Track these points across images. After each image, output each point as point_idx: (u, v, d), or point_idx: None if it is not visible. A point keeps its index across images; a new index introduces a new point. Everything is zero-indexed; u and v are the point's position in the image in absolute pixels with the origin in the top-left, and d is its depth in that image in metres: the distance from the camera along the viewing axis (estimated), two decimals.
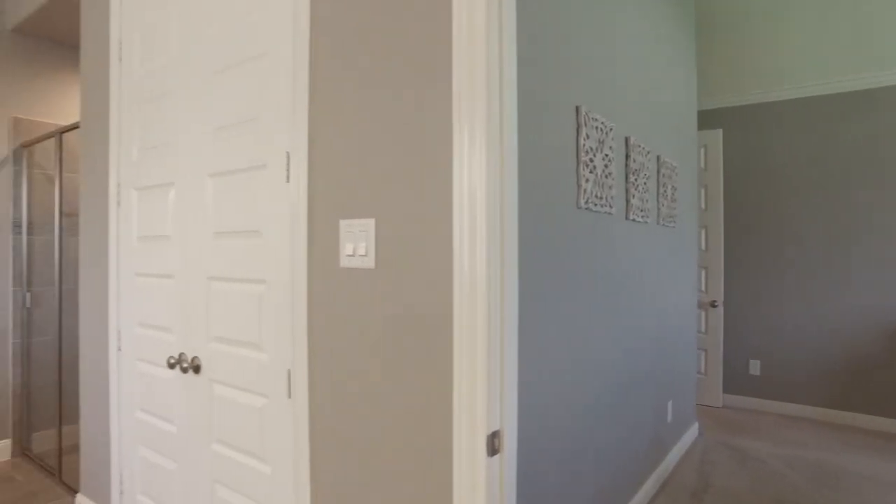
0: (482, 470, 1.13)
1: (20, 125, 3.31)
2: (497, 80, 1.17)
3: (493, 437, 1.14)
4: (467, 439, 1.15)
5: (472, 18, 1.17)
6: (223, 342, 1.77)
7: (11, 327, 3.29)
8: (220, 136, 1.78)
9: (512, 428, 1.20)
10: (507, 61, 1.20)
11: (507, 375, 1.19)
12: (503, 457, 1.17)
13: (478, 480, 1.13)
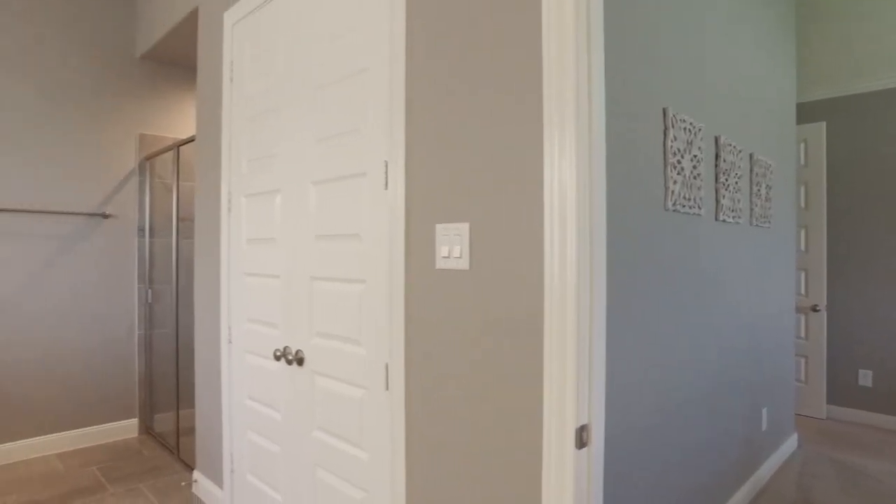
0: (570, 461, 1.18)
1: (145, 140, 3.69)
2: (585, 85, 1.22)
3: (581, 430, 1.20)
4: (557, 432, 1.21)
5: (560, 29, 1.22)
6: (325, 337, 1.92)
7: (137, 320, 3.68)
8: (322, 147, 1.93)
9: (599, 422, 1.25)
10: (595, 67, 1.24)
11: (595, 372, 1.24)
12: (591, 450, 1.22)
13: (566, 471, 1.19)
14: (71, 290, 3.45)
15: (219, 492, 2.61)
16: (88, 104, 3.50)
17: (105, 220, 3.55)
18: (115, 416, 3.62)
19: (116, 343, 3.61)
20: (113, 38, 3.59)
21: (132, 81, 3.66)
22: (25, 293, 3.31)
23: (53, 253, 3.39)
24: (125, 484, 2.96)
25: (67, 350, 3.45)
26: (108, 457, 3.34)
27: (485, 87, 1.41)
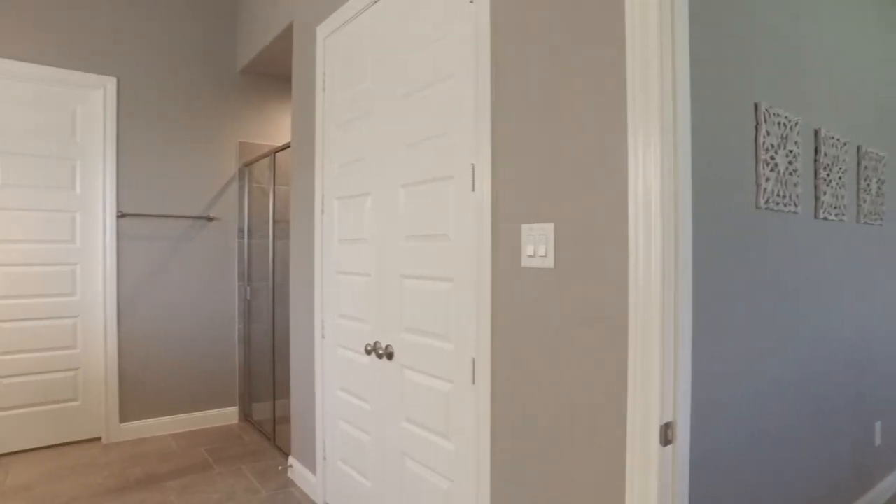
0: (655, 457, 1.20)
1: (244, 148, 3.97)
2: (670, 83, 1.22)
3: (666, 427, 1.20)
4: (641, 427, 1.22)
5: (644, 25, 1.23)
6: (413, 332, 2.02)
7: (237, 315, 3.96)
8: (410, 151, 2.02)
9: (685, 421, 1.25)
10: (680, 62, 1.24)
11: (681, 371, 1.24)
12: (676, 447, 1.23)
13: (650, 467, 1.20)
14: (180, 286, 3.78)
15: (312, 477, 2.78)
16: (196, 117, 3.81)
17: (209, 223, 3.86)
18: (218, 403, 3.92)
19: (219, 336, 3.91)
20: (217, 55, 3.89)
21: (233, 94, 3.95)
22: (145, 288, 3.66)
23: (167, 252, 3.73)
24: (229, 465, 3.20)
25: (178, 341, 3.78)
26: (213, 440, 3.62)
27: (567, 89, 1.44)
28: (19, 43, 3.31)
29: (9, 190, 3.34)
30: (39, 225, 3.42)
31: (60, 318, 3.50)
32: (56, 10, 3.40)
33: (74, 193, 3.52)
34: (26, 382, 3.41)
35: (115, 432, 3.58)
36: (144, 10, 3.66)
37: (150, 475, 3.06)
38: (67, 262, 3.51)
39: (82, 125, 3.54)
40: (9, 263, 3.35)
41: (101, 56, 3.53)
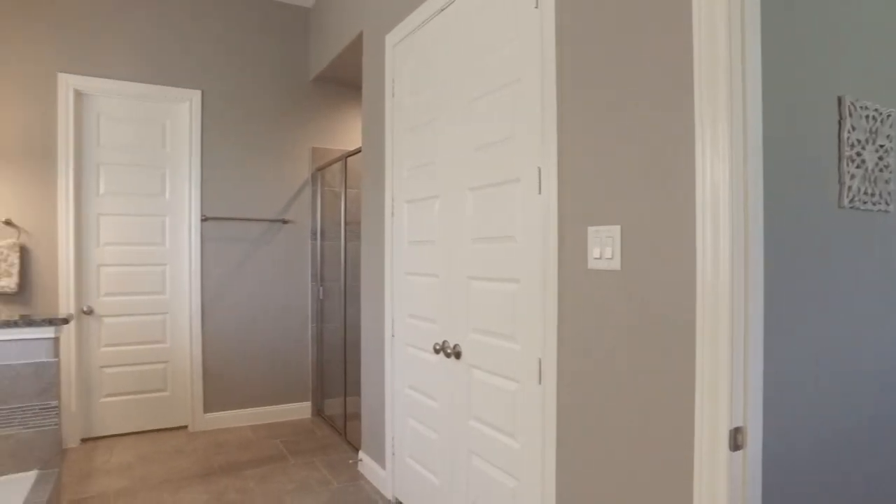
0: (724, 463, 1.18)
1: (316, 153, 4.14)
2: (739, 77, 1.19)
3: (735, 432, 1.18)
4: (709, 432, 1.21)
5: (711, 21, 1.21)
6: (480, 332, 2.05)
7: (310, 314, 4.14)
8: (478, 155, 2.07)
9: (756, 427, 1.22)
10: (751, 56, 1.21)
11: (752, 376, 1.21)
12: (746, 453, 1.20)
13: (719, 472, 1.19)
14: (258, 286, 3.98)
15: (381, 471, 2.87)
16: (271, 124, 4.01)
17: (284, 226, 4.05)
18: (292, 398, 4.10)
19: (294, 334, 4.10)
20: (290, 65, 4.08)
21: (306, 102, 4.13)
22: (226, 287, 3.89)
23: (245, 254, 3.94)
24: (303, 457, 3.35)
25: (255, 338, 3.99)
26: (287, 432, 3.80)
27: (632, 88, 1.43)
28: (119, 64, 3.61)
29: (110, 197, 3.64)
30: (135, 228, 3.71)
31: (152, 314, 3.77)
32: (148, 32, 3.68)
33: (164, 199, 3.78)
34: (125, 373, 3.70)
35: (199, 421, 3.82)
36: (225, 27, 3.89)
37: (231, 463, 3.25)
38: (158, 262, 3.78)
39: (171, 136, 3.80)
40: (110, 264, 3.65)
41: (187, 72, 3.78)
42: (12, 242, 3.30)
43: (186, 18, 3.78)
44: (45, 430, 2.12)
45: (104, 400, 3.65)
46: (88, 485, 2.95)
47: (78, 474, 3.08)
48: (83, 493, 2.84)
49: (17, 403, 2.07)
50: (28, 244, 3.40)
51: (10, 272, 3.28)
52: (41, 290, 3.43)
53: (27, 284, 3.40)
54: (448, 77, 2.27)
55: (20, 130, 3.39)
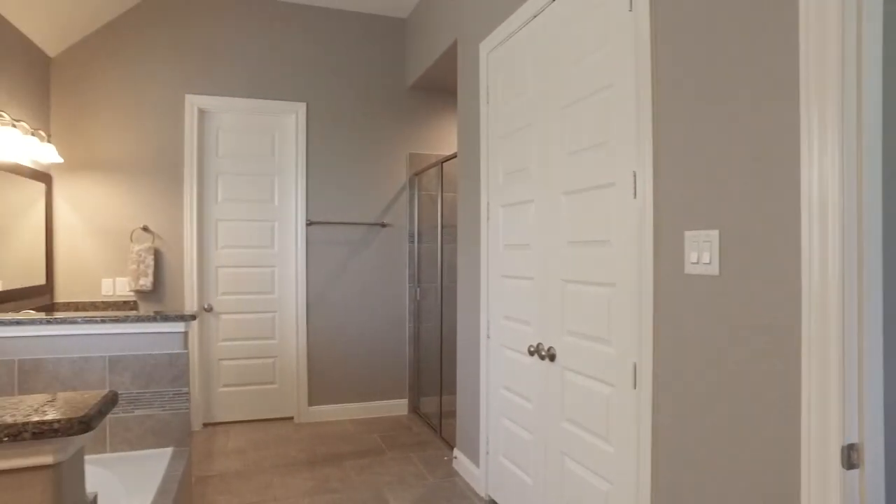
0: (836, 482, 1.13)
1: (413, 159, 4.29)
2: (853, 72, 1.14)
3: (849, 449, 1.13)
4: (817, 448, 1.16)
5: (822, 7, 1.17)
6: (575, 336, 2.07)
7: (408, 314, 4.29)
8: (572, 160, 2.09)
9: (877, 444, 1.16)
10: (869, 49, 1.15)
11: (869, 389, 1.15)
12: (863, 472, 1.15)
13: (830, 492, 1.14)
14: (358, 287, 4.19)
15: (475, 469, 2.94)
16: (370, 132, 4.22)
17: (383, 229, 4.23)
18: (389, 395, 4.28)
19: (392, 333, 4.27)
20: (388, 74, 4.27)
21: (403, 109, 4.29)
22: (329, 288, 4.13)
23: (346, 256, 4.16)
24: (399, 451, 3.49)
25: (356, 336, 4.20)
26: (385, 427, 3.97)
27: (730, 90, 1.40)
28: (234, 83, 3.94)
29: (227, 204, 3.98)
30: (248, 232, 4.03)
31: (263, 312, 4.07)
32: (259, 52, 3.99)
33: (273, 205, 4.08)
34: (239, 365, 4.03)
35: (304, 413, 4.07)
36: (327, 42, 4.13)
37: (333, 453, 3.45)
38: (268, 264, 4.08)
39: (279, 146, 4.09)
40: (227, 265, 3.99)
41: (293, 86, 4.06)
42: (148, 246, 3.69)
43: (292, 37, 4.06)
44: (178, 412, 2.38)
45: (222, 389, 3.99)
46: (210, 464, 3.25)
47: (201, 454, 3.40)
48: (207, 472, 3.14)
49: (155, 388, 2.34)
50: (161, 248, 3.79)
51: (146, 272, 3.67)
52: (170, 288, 3.81)
53: (159, 283, 3.79)
54: (540, 83, 2.30)
55: (155, 147, 3.79)
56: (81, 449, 0.97)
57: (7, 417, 0.85)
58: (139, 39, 3.76)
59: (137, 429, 2.34)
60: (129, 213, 3.74)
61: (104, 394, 0.99)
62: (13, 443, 0.84)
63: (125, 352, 2.31)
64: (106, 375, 2.29)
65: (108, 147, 3.71)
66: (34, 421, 0.84)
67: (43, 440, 0.86)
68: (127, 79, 3.74)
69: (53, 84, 3.63)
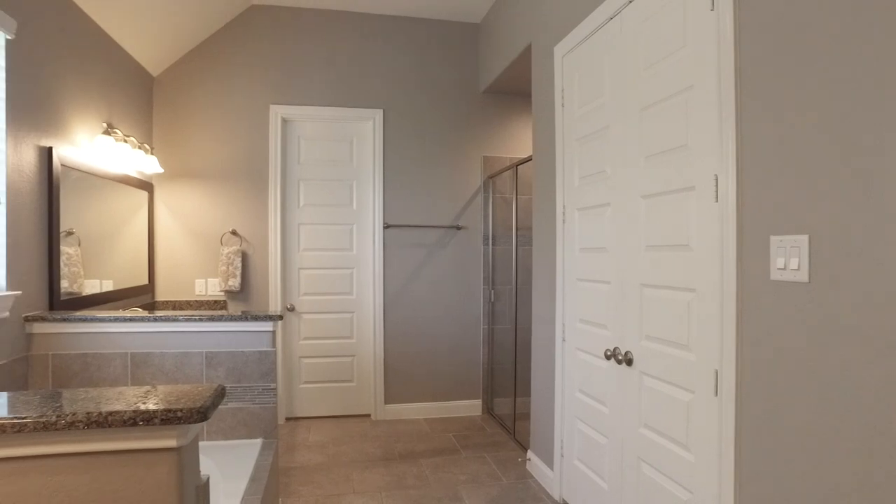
0: None
1: (487, 162, 4.34)
2: None
3: None
4: None
5: None
6: (653, 340, 2.05)
7: (482, 316, 4.34)
8: (650, 163, 2.06)
9: None
10: None
11: None
12: None
13: None
14: (433, 288, 4.28)
15: (549, 472, 2.94)
16: (445, 136, 4.29)
17: (458, 231, 4.30)
18: (463, 395, 4.34)
19: (466, 335, 4.33)
20: (461, 79, 4.33)
21: (477, 112, 4.35)
22: (405, 289, 4.24)
23: (422, 258, 4.26)
24: (473, 451, 3.54)
25: (431, 337, 4.28)
26: (459, 427, 4.03)
27: (825, 90, 1.35)
28: (315, 92, 4.13)
29: (308, 208, 4.17)
30: (327, 236, 4.20)
31: (342, 312, 4.24)
32: (338, 62, 4.16)
33: (352, 209, 4.23)
34: (319, 363, 4.21)
35: (381, 411, 4.20)
36: (402, 50, 4.25)
37: (409, 451, 3.54)
38: (347, 266, 4.24)
39: (357, 152, 4.25)
40: (308, 267, 4.18)
41: (370, 93, 4.20)
42: (236, 249, 3.93)
43: (369, 47, 4.21)
44: (267, 406, 2.53)
45: (303, 386, 4.19)
46: (293, 456, 3.42)
47: (284, 447, 3.59)
48: (291, 463, 3.31)
49: (246, 383, 2.50)
50: (247, 250, 4.03)
51: (234, 274, 3.91)
52: (256, 289, 4.04)
53: (246, 285, 4.03)
54: (617, 86, 2.28)
55: (242, 156, 4.03)
56: (197, 436, 1.08)
57: (140, 405, 0.97)
58: (229, 56, 4.02)
59: (230, 420, 2.51)
60: (219, 218, 4.00)
61: (215, 388, 1.10)
62: (146, 426, 0.95)
63: (220, 348, 2.49)
64: (203, 370, 2.47)
65: (201, 157, 3.99)
66: (162, 409, 0.95)
67: (168, 426, 0.97)
68: (218, 93, 4.00)
69: (155, 101, 3.93)
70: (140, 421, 0.95)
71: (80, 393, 1.06)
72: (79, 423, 0.93)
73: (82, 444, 0.97)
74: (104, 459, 0.97)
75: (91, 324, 2.41)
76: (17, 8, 2.34)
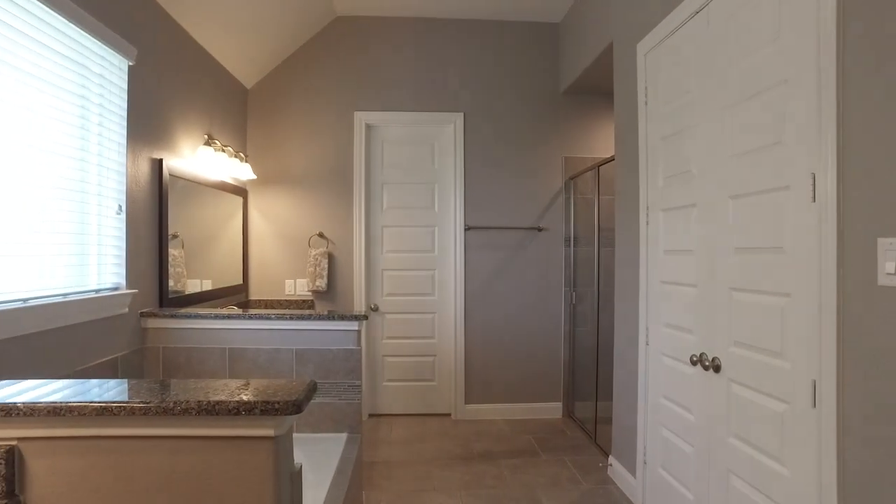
0: None
1: (568, 162, 4.29)
2: None
3: None
4: None
5: None
6: (743, 347, 1.96)
7: (563, 318, 4.30)
8: (739, 162, 1.98)
9: None
10: None
11: None
12: None
13: None
14: (514, 290, 4.28)
15: (631, 479, 2.87)
16: (526, 137, 4.29)
17: (539, 233, 4.28)
18: (543, 398, 4.31)
19: (546, 337, 4.30)
20: (541, 80, 4.31)
21: (557, 113, 4.31)
22: (485, 290, 4.28)
23: (503, 260, 4.28)
24: (553, 454, 3.52)
25: (511, 338, 4.29)
26: (538, 429, 4.01)
27: None
28: (397, 98, 4.25)
29: (391, 211, 4.30)
30: (410, 238, 4.31)
31: (423, 313, 4.33)
32: (420, 68, 4.26)
33: (433, 211, 4.32)
34: (401, 362, 4.33)
35: (460, 411, 4.26)
36: (482, 53, 4.29)
37: (488, 451, 3.57)
38: (428, 267, 4.33)
39: (438, 155, 4.33)
40: (391, 268, 4.31)
41: (451, 97, 4.27)
42: (323, 251, 4.12)
43: (450, 51, 4.28)
44: (352, 402, 2.64)
45: (386, 384, 4.32)
46: (376, 452, 3.54)
47: (367, 442, 3.72)
48: (374, 458, 3.43)
49: (333, 379, 2.62)
50: (333, 252, 4.21)
51: (321, 275, 4.10)
52: (341, 289, 4.21)
53: (332, 285, 4.21)
54: (704, 82, 2.20)
55: (329, 161, 4.22)
56: (292, 427, 1.16)
57: (244, 396, 1.06)
58: (316, 66, 4.21)
59: (318, 413, 2.64)
60: (307, 221, 4.21)
61: (308, 382, 1.17)
62: (248, 416, 1.04)
63: (309, 346, 2.63)
64: (294, 366, 2.62)
65: (290, 163, 4.21)
66: (262, 401, 1.04)
67: (267, 416, 1.05)
68: (305, 102, 4.21)
69: (249, 111, 4.20)
70: (243, 410, 1.04)
71: (191, 383, 1.17)
72: (191, 409, 1.04)
73: (193, 429, 1.07)
74: (212, 443, 1.08)
75: (194, 320, 2.62)
76: (136, 35, 2.58)
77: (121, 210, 2.46)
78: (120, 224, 2.47)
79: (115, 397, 1.06)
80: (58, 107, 2.10)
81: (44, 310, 1.96)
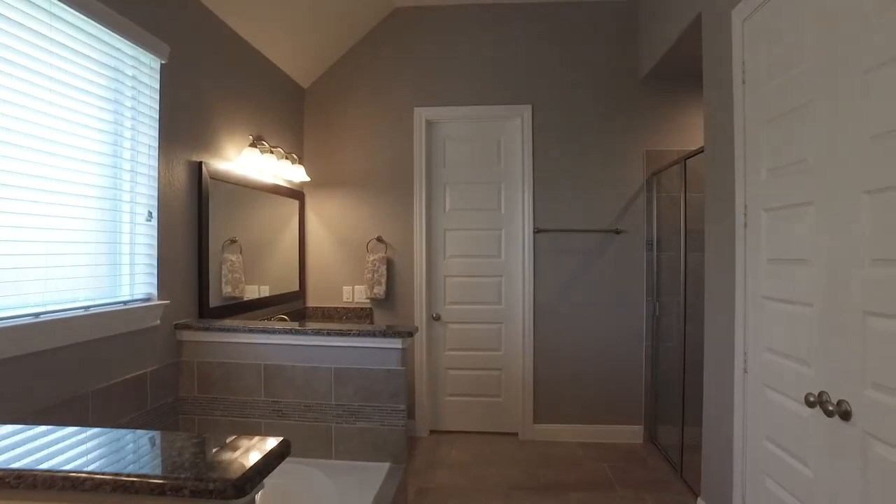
0: None
1: (650, 156, 3.81)
2: None
3: None
4: None
5: None
6: (883, 391, 1.48)
7: (644, 331, 3.81)
8: (879, 147, 1.50)
9: None
10: None
11: None
12: None
13: None
14: (589, 299, 3.85)
15: None
16: (600, 130, 3.85)
17: (617, 236, 3.82)
18: (622, 420, 3.85)
19: (625, 352, 3.83)
20: (616, 67, 3.85)
21: (636, 102, 3.84)
22: (557, 299, 3.88)
23: (576, 266, 3.86)
24: (631, 489, 3.07)
25: (585, 353, 3.86)
26: (615, 457, 3.56)
27: None
28: (459, 92, 3.94)
29: (454, 213, 3.99)
30: (474, 242, 3.98)
31: (489, 323, 3.99)
32: (482, 59, 3.92)
33: (500, 213, 3.97)
34: (465, 376, 4.01)
35: (528, 431, 3.88)
36: (549, 40, 3.89)
37: (557, 481, 3.18)
38: (495, 274, 3.98)
39: (504, 152, 3.97)
40: (454, 275, 4.01)
41: (517, 89, 3.90)
42: (381, 256, 3.88)
43: (514, 39, 3.91)
44: (395, 428, 2.36)
45: (448, 398, 4.01)
46: (432, 476, 3.24)
47: (425, 463, 3.42)
48: (428, 483, 3.13)
49: (375, 402, 2.35)
50: (393, 257, 3.96)
51: (380, 281, 3.86)
52: (401, 297, 3.95)
53: (391, 292, 3.96)
54: (825, 45, 1.72)
55: (387, 161, 3.98)
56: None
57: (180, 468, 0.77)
58: (373, 61, 3.98)
59: (358, 439, 2.38)
60: (365, 225, 3.98)
61: (269, 450, 0.88)
62: (175, 497, 0.76)
63: (348, 364, 2.37)
64: (332, 386, 2.36)
65: (348, 164, 4.00)
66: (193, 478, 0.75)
67: (200, 499, 0.76)
68: (363, 99, 3.99)
69: (306, 111, 4.03)
70: (168, 491, 0.76)
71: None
72: (105, 485, 0.77)
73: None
74: None
75: (228, 333, 2.43)
76: (172, 32, 2.42)
77: (151, 217, 2.31)
78: (151, 231, 2.32)
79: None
80: (90, 113, 2.04)
81: (62, 324, 1.82)
